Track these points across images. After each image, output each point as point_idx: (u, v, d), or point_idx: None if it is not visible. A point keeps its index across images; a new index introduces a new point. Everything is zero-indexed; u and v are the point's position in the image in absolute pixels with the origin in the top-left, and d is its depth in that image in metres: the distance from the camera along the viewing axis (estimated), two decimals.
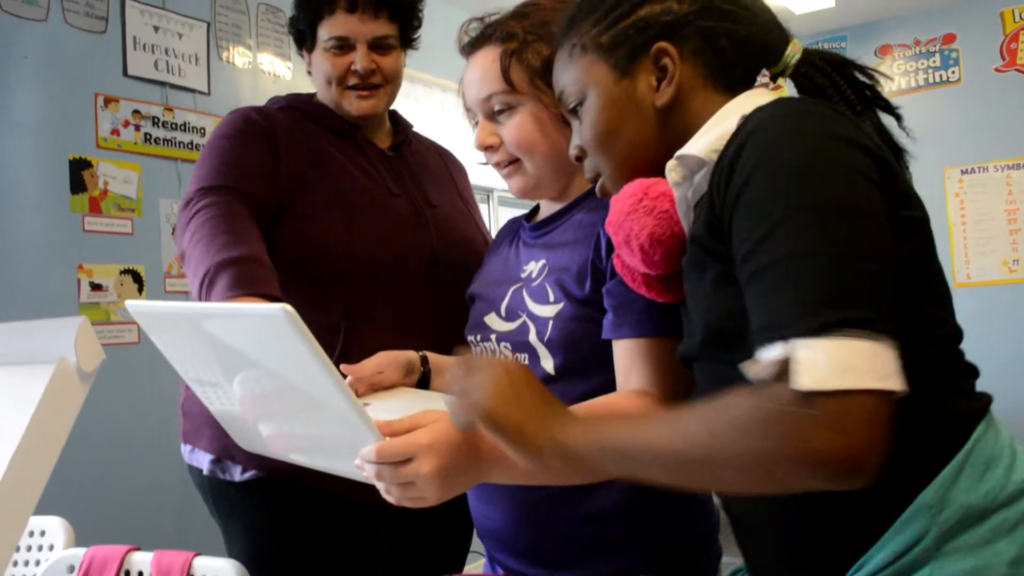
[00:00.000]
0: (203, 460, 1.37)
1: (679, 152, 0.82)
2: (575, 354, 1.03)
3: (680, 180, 0.83)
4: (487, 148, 1.13)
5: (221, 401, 0.96)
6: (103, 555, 1.17)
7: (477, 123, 1.15)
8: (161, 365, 1.02)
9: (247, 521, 1.36)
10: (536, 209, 1.24)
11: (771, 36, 0.87)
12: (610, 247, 1.01)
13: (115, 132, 2.58)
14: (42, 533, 1.40)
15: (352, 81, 1.43)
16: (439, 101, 3.66)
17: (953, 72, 4.32)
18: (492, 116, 1.12)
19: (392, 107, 1.57)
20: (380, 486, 0.81)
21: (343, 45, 1.41)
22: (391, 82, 1.46)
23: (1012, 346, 4.02)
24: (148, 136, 2.65)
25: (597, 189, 0.95)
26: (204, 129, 2.82)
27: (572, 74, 0.91)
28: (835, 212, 0.67)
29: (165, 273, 2.72)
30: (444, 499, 0.82)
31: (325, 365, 0.75)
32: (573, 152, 0.96)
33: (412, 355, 1.21)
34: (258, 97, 1.65)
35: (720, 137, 0.79)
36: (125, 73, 2.63)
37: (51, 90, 2.45)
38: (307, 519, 1.34)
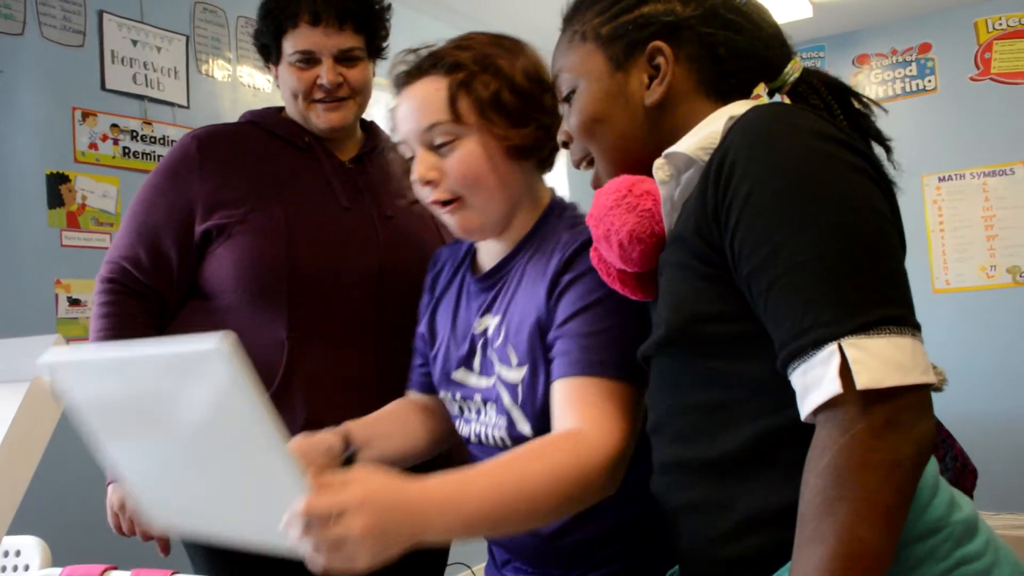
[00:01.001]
0: None
1: (667, 151, 0.82)
2: (547, 416, 0.99)
3: (667, 179, 0.83)
4: (428, 183, 1.06)
5: (139, 464, 0.84)
6: (80, 575, 1.15)
7: (411, 158, 1.09)
8: None
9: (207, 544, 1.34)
10: (472, 249, 1.19)
11: (771, 51, 0.87)
12: (557, 296, 0.99)
13: (93, 146, 2.56)
14: (17, 553, 1.38)
15: (318, 95, 1.40)
16: None
17: (929, 81, 4.37)
18: (432, 149, 1.05)
19: (372, 119, 1.56)
20: (307, 547, 0.72)
21: (308, 59, 1.38)
22: (359, 94, 1.43)
23: (991, 350, 4.05)
24: (127, 150, 2.64)
25: (591, 181, 0.94)
26: None
27: (569, 60, 0.91)
28: (849, 212, 0.68)
29: None
30: (375, 563, 0.74)
31: (257, 403, 0.67)
32: (560, 138, 0.95)
33: (331, 438, 1.10)
34: (237, 110, 1.64)
35: (709, 136, 0.79)
36: (103, 87, 2.61)
37: (28, 104, 2.42)
38: None
